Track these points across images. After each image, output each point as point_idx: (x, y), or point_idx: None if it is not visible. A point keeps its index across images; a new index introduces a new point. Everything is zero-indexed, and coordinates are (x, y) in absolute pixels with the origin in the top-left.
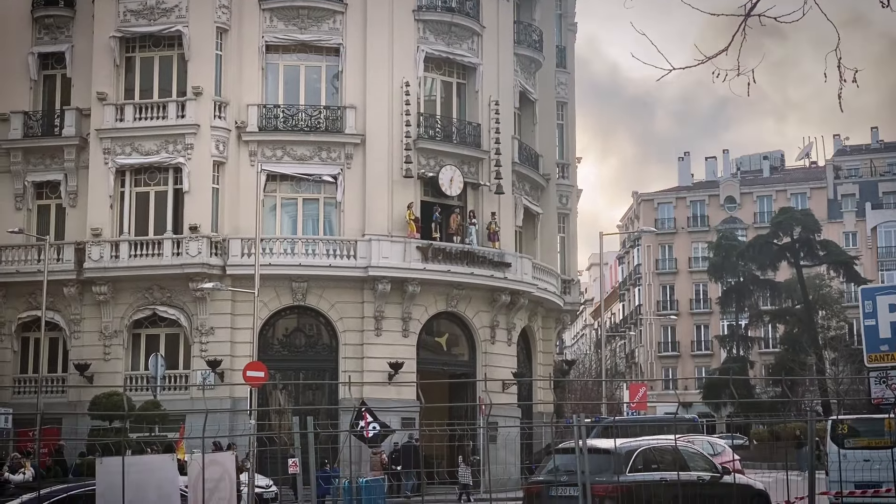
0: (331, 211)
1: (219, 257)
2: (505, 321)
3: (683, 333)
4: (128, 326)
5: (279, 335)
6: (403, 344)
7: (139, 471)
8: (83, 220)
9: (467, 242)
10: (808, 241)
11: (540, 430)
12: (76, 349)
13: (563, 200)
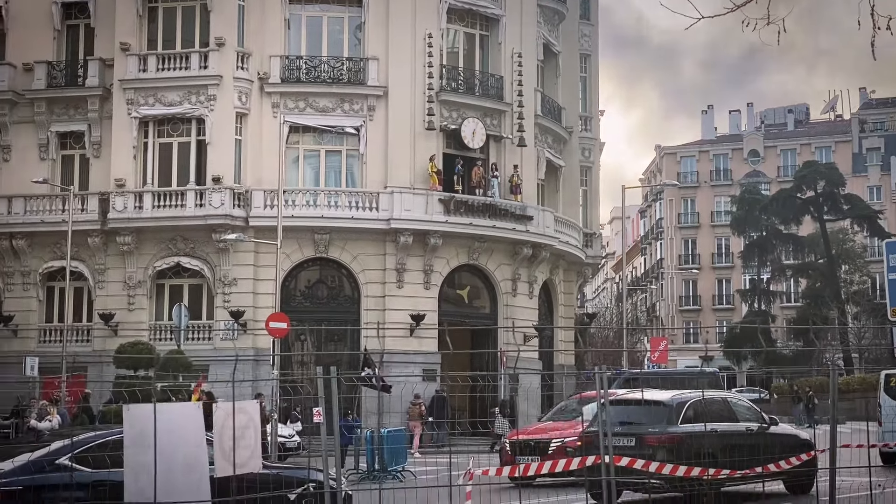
0: (353, 163)
1: (241, 209)
2: (526, 274)
3: (705, 287)
4: (151, 277)
5: (301, 287)
6: (425, 296)
7: (166, 418)
8: (107, 171)
9: (489, 195)
10: (832, 195)
11: (561, 382)
12: (101, 299)
13: (586, 153)
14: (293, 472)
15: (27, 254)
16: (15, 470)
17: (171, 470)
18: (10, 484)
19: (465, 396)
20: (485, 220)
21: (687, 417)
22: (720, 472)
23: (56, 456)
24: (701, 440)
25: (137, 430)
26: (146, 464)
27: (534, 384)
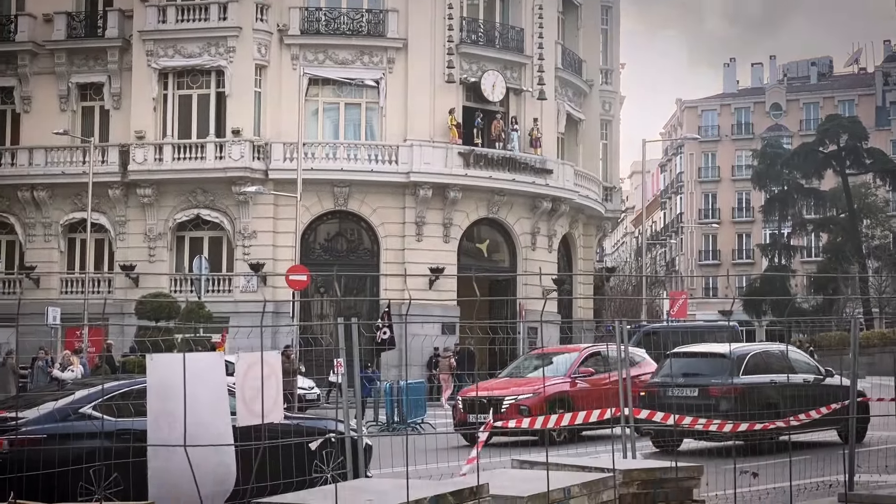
0: (373, 116)
1: (261, 161)
2: (546, 228)
3: (725, 242)
4: (172, 229)
5: (321, 240)
6: (444, 249)
7: (190, 368)
8: (127, 123)
9: (509, 149)
10: (855, 148)
11: (579, 335)
12: (121, 250)
13: (606, 107)
14: (314, 423)
15: (48, 205)
16: (40, 418)
17: (195, 417)
18: (34, 432)
19: (484, 349)
20: (504, 173)
21: (748, 369)
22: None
23: (80, 404)
24: (761, 391)
25: (160, 380)
26: (169, 412)
27: (553, 338)
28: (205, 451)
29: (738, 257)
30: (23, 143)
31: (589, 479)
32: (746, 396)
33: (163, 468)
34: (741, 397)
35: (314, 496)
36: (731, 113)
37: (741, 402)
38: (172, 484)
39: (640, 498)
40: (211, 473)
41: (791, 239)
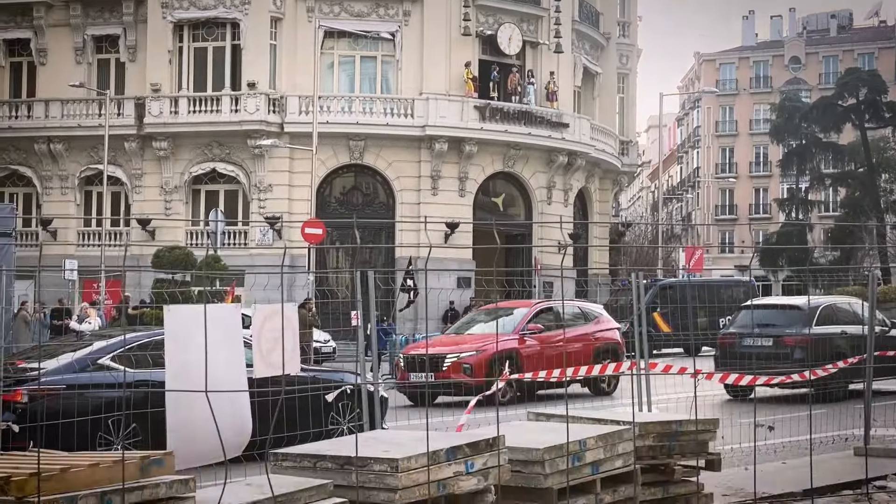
0: (388, 69)
1: (277, 114)
2: (562, 182)
3: (742, 197)
4: (188, 182)
5: (336, 193)
6: (460, 204)
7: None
8: (142, 75)
9: (525, 102)
10: (874, 102)
11: (595, 290)
12: (137, 203)
13: (623, 60)
14: (331, 375)
15: (64, 158)
16: (59, 369)
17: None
18: (53, 382)
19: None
20: (520, 127)
21: (820, 320)
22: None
23: (99, 355)
24: (833, 341)
25: (178, 330)
26: (186, 363)
27: (569, 291)
28: (221, 402)
29: (756, 212)
30: (39, 95)
31: (605, 432)
32: (818, 345)
33: (182, 418)
34: (813, 346)
35: (331, 446)
36: (750, 66)
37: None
38: (191, 433)
39: (656, 450)
40: (228, 423)
41: (809, 193)
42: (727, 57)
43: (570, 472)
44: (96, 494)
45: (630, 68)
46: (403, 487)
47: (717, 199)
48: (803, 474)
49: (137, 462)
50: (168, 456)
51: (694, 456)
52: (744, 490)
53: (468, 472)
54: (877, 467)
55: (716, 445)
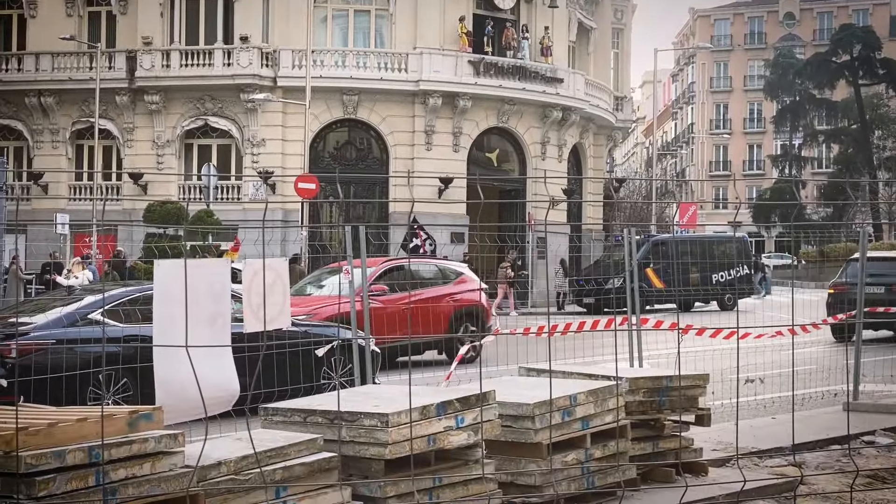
0: (382, 24)
1: (270, 69)
2: (556, 137)
3: (736, 153)
4: (180, 136)
5: (330, 148)
6: (454, 159)
7: (195, 274)
8: (134, 28)
9: (519, 57)
10: (868, 59)
11: (588, 246)
12: (129, 158)
13: (618, 15)
14: (322, 330)
15: (55, 111)
16: (48, 323)
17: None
18: (43, 337)
19: (493, 258)
20: (514, 82)
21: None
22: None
23: (89, 310)
24: None
25: (166, 285)
26: (173, 317)
27: (562, 247)
28: (205, 357)
29: (749, 168)
30: (29, 48)
31: (595, 387)
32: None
33: (169, 373)
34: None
35: (322, 401)
36: (745, 22)
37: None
38: (178, 388)
39: (646, 405)
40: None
41: (802, 150)
42: (722, 13)
43: (560, 428)
44: (84, 449)
45: (625, 23)
46: (393, 442)
47: (711, 155)
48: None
49: (125, 416)
50: (157, 411)
51: (684, 411)
52: (733, 445)
53: (458, 426)
54: (865, 422)
55: (706, 401)
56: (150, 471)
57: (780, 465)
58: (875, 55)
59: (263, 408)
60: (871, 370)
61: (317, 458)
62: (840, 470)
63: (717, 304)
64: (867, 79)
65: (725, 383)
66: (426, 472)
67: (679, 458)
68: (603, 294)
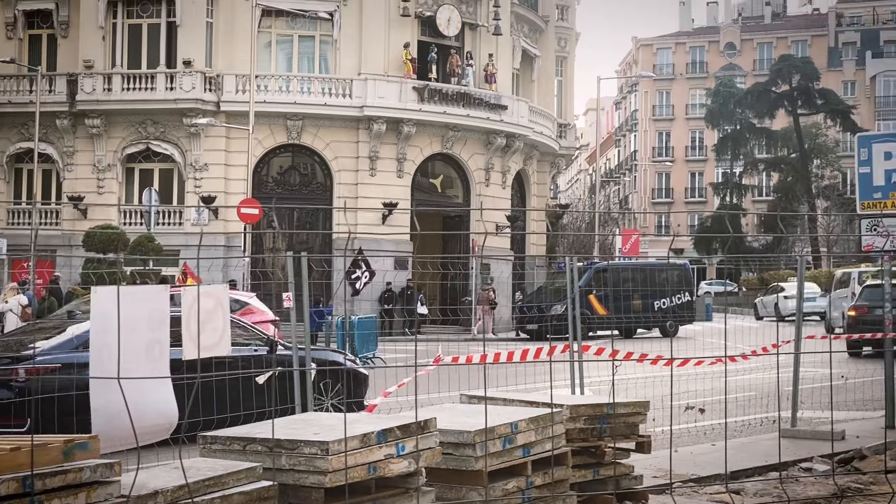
0: (326, 49)
1: (213, 93)
2: (500, 164)
3: (678, 180)
4: (121, 160)
5: (273, 173)
6: (398, 185)
7: (132, 301)
8: (75, 52)
9: (464, 84)
10: (807, 89)
11: (532, 272)
12: (69, 182)
13: (562, 43)
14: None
15: None
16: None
17: (132, 351)
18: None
19: (437, 284)
20: (459, 108)
21: None
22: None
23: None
24: None
25: (103, 312)
26: (110, 344)
27: (505, 273)
28: (143, 385)
29: (691, 195)
30: None
31: (536, 415)
32: None
33: (104, 401)
34: None
35: (261, 429)
36: (686, 52)
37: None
38: (114, 417)
39: (587, 433)
40: (151, 406)
41: (743, 178)
42: (664, 42)
43: (501, 455)
44: (18, 479)
45: (568, 52)
46: (333, 470)
47: (653, 182)
48: (731, 456)
49: (60, 446)
50: (93, 440)
51: (624, 438)
52: (674, 472)
53: (399, 454)
54: (803, 449)
55: (646, 428)
56: (84, 501)
57: (718, 492)
58: (813, 85)
59: (202, 436)
60: (808, 397)
61: (255, 486)
62: (778, 497)
63: (659, 330)
64: (806, 108)
65: (666, 410)
66: (366, 500)
67: (619, 486)
68: (546, 321)
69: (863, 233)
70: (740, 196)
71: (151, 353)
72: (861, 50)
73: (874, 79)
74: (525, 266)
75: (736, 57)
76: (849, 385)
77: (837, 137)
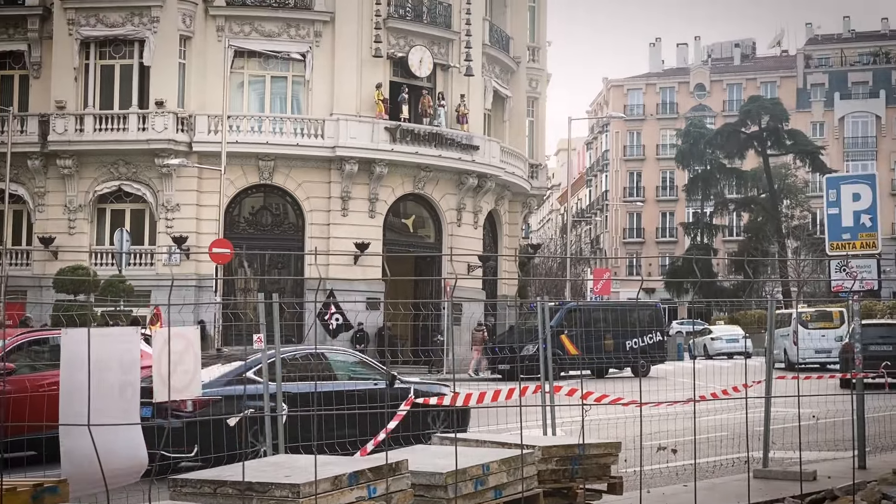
0: (299, 89)
1: (185, 133)
2: (471, 204)
3: (649, 220)
4: (93, 201)
5: (245, 213)
6: (370, 225)
7: (103, 343)
8: (47, 92)
9: (436, 124)
10: (776, 130)
11: (503, 312)
12: (40, 222)
13: (533, 84)
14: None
15: None
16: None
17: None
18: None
19: (408, 325)
20: (431, 149)
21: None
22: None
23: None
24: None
25: (73, 354)
26: (80, 387)
27: (476, 314)
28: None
29: (662, 235)
30: None
31: (508, 456)
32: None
33: (74, 445)
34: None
35: (232, 471)
36: (657, 92)
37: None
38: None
39: (559, 474)
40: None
41: (713, 218)
42: (635, 83)
43: (474, 497)
44: None
45: (540, 92)
46: None
47: (624, 222)
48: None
49: (29, 490)
50: (62, 484)
51: (596, 479)
52: None
53: (371, 496)
54: (774, 490)
55: (618, 469)
56: None
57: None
58: (782, 126)
59: (172, 479)
60: (780, 437)
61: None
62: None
63: (630, 370)
64: (775, 149)
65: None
66: None
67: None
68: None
69: (832, 274)
70: (711, 236)
71: (123, 395)
72: (829, 91)
73: (842, 120)
74: (497, 306)
75: (706, 98)
76: (820, 425)
77: (807, 178)
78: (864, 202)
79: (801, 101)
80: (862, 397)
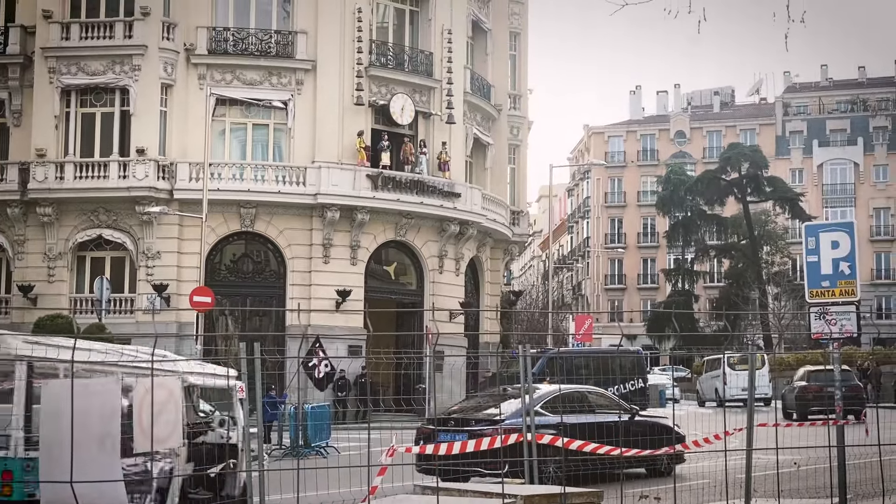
0: (280, 137)
1: (166, 181)
2: (453, 251)
3: (630, 266)
4: (72, 249)
5: (226, 261)
6: (352, 272)
7: (83, 394)
8: (28, 140)
9: (417, 172)
10: (756, 177)
11: (485, 360)
12: (20, 270)
13: (514, 132)
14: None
15: None
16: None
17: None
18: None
19: (390, 374)
20: (412, 196)
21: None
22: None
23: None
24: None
25: (53, 405)
26: (61, 439)
27: (458, 362)
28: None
29: (644, 282)
30: None
31: None
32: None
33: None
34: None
35: None
36: (637, 139)
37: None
38: None
39: None
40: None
41: (694, 264)
42: (615, 130)
43: None
44: None
45: (521, 139)
46: None
47: (606, 268)
48: None
49: None
50: None
51: None
52: None
53: None
54: None
55: None
56: None
57: None
58: (762, 173)
59: None
60: (761, 484)
61: None
62: None
63: None
64: (755, 196)
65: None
66: None
67: None
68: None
69: (812, 321)
70: (692, 282)
71: (104, 447)
72: (808, 139)
73: (821, 167)
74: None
75: (686, 145)
76: (801, 472)
77: (786, 224)
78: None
79: (780, 148)
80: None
